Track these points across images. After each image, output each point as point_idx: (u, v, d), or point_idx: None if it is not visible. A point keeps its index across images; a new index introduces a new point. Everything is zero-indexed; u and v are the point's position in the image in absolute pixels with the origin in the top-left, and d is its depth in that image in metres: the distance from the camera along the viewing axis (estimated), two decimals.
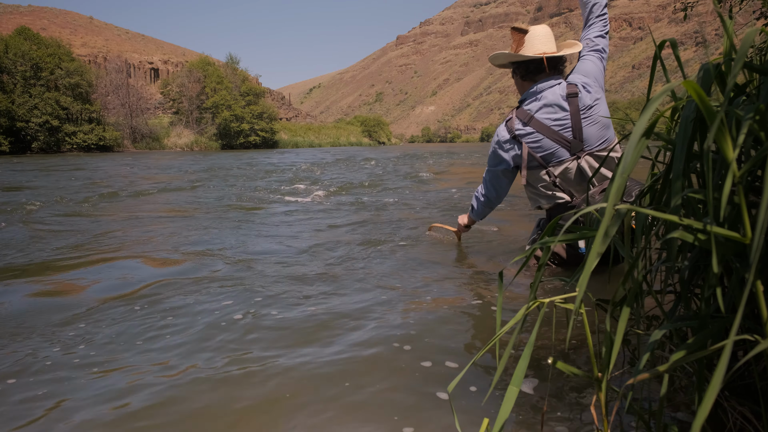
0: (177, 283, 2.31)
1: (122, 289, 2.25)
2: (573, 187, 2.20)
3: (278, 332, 1.71)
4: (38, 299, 2.15)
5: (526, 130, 2.21)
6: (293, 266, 2.61)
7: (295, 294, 2.13)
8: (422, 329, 1.70)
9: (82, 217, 4.60)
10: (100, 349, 1.61)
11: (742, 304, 0.55)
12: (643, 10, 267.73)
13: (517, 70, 2.33)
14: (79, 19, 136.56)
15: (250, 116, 50.21)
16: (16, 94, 34.46)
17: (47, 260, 2.86)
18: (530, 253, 1.00)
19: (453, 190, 6.62)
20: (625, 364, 1.25)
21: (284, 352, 1.55)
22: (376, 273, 2.45)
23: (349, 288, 2.22)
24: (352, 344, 1.59)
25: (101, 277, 2.47)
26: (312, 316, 1.86)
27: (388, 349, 1.54)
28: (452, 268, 2.54)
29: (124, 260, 2.81)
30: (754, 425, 0.86)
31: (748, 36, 0.62)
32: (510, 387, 0.79)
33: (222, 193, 6.72)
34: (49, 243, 3.37)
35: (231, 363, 1.48)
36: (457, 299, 2.04)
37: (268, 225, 4.04)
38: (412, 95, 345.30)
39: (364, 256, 2.81)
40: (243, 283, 2.28)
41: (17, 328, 1.82)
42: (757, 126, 0.65)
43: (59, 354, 1.58)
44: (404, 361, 1.46)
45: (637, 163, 0.71)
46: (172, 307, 1.98)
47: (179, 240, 3.40)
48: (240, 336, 1.68)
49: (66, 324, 1.84)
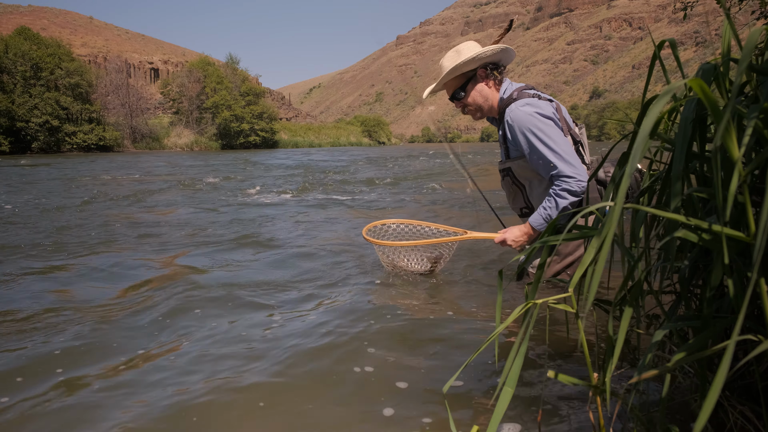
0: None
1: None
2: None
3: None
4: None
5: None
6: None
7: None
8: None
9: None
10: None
11: (744, 304, 0.55)
12: (643, 10, 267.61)
13: (492, 71, 2.22)
14: (79, 19, 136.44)
15: (250, 116, 50.15)
16: (16, 94, 34.40)
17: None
18: (530, 252, 1.00)
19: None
20: (624, 364, 1.25)
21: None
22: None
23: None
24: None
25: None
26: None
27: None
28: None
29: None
30: (755, 425, 0.86)
31: (752, 36, 0.62)
32: (504, 388, 0.77)
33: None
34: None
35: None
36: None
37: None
38: (412, 95, 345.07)
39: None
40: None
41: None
42: (762, 125, 0.64)
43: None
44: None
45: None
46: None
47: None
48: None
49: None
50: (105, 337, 1.72)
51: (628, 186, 2.03)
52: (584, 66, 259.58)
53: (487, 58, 2.17)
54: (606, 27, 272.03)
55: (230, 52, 68.05)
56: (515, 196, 2.32)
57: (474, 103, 2.25)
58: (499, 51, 2.18)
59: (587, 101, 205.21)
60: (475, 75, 2.22)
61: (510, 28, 2.36)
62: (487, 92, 2.23)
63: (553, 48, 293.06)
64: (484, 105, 2.24)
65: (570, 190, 1.99)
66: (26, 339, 1.71)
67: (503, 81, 2.25)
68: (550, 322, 1.77)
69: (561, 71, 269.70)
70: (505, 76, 2.26)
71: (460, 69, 2.19)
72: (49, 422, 1.20)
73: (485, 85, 2.23)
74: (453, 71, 2.19)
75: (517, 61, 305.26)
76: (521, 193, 2.28)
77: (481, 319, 1.84)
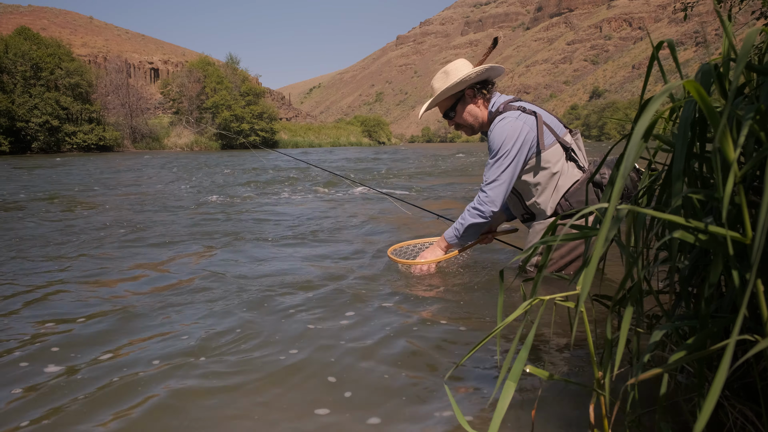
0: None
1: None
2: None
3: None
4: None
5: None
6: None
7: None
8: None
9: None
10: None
11: (744, 304, 0.55)
12: (643, 10, 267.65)
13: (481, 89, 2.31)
14: (79, 19, 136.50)
15: (250, 116, 50.21)
16: (16, 94, 34.44)
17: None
18: (530, 253, 1.01)
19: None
20: (623, 363, 1.25)
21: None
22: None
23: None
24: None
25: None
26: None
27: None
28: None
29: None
30: (755, 425, 0.86)
31: (750, 36, 0.62)
32: (507, 382, 0.78)
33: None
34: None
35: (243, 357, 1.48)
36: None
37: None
38: (412, 95, 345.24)
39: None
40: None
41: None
42: (758, 126, 0.65)
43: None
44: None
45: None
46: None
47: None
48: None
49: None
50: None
51: (625, 187, 2.06)
52: (584, 66, 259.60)
53: (472, 80, 2.27)
54: (606, 27, 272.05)
55: (230, 52, 68.00)
56: (515, 204, 2.42)
57: (464, 122, 2.37)
58: (485, 71, 2.26)
59: (587, 101, 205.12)
60: (463, 96, 2.32)
61: (495, 46, 2.43)
62: (476, 111, 2.34)
63: (553, 48, 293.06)
64: (474, 123, 2.36)
65: (480, 210, 2.22)
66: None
67: (492, 96, 2.34)
68: (550, 320, 1.77)
69: (561, 71, 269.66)
70: (496, 90, 2.35)
71: (447, 92, 2.30)
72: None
73: (474, 104, 2.33)
74: (441, 94, 2.30)
75: (517, 61, 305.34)
76: (519, 201, 2.37)
77: (476, 319, 1.84)
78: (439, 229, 3.32)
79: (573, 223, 0.89)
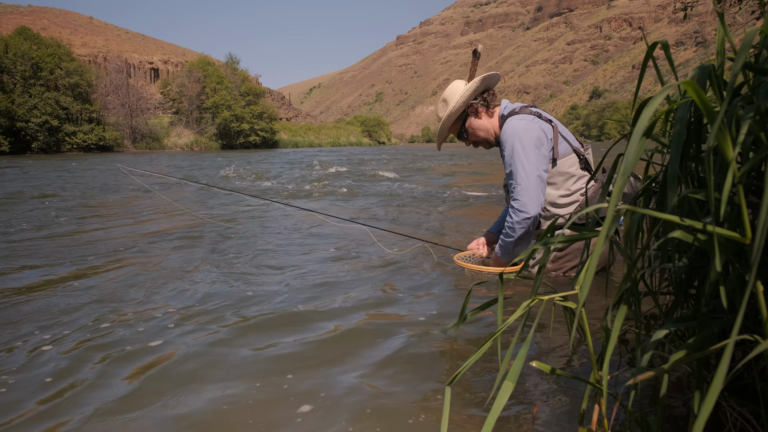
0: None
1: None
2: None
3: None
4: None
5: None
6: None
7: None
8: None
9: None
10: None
11: (743, 305, 0.55)
12: (643, 10, 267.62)
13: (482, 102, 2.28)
14: (79, 19, 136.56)
15: (250, 116, 50.18)
16: (16, 94, 34.42)
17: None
18: (529, 253, 1.00)
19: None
20: (623, 364, 1.25)
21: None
22: None
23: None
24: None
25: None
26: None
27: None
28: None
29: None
30: (754, 425, 0.86)
31: (748, 36, 0.62)
32: (505, 382, 0.77)
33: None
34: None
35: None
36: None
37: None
38: (412, 95, 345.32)
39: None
40: None
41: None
42: (757, 126, 0.65)
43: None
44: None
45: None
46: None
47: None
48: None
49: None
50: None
51: (623, 189, 2.05)
52: (584, 66, 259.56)
53: (469, 97, 2.26)
54: (606, 27, 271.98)
55: (230, 52, 67.95)
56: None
57: (477, 138, 2.36)
58: (480, 82, 2.25)
59: (587, 101, 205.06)
60: (467, 114, 2.32)
61: (477, 58, 2.25)
62: (485, 125, 2.32)
63: (553, 48, 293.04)
64: (488, 136, 2.34)
65: (518, 222, 2.05)
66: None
67: (499, 103, 2.33)
68: (549, 319, 1.77)
69: (561, 71, 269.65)
70: (501, 94, 2.39)
71: (451, 119, 2.31)
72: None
73: (479, 119, 2.31)
74: (447, 122, 2.31)
75: (517, 61, 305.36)
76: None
77: (476, 319, 1.84)
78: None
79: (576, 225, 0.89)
